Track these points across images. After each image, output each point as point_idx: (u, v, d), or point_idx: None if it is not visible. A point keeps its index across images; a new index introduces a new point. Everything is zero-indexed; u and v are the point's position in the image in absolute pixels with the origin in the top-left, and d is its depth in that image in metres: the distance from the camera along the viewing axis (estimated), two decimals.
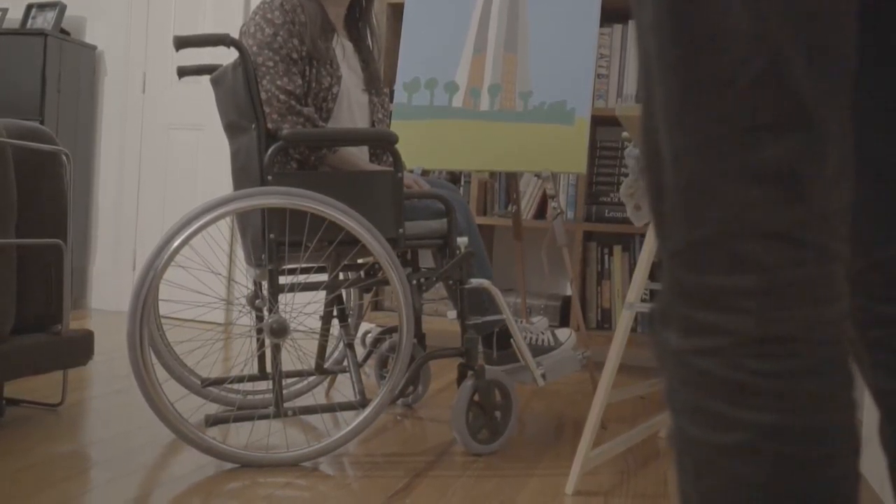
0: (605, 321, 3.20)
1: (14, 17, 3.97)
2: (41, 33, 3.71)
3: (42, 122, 3.69)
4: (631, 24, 3.14)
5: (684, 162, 0.60)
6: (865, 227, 0.73)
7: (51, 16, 3.86)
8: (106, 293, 4.05)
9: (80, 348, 2.10)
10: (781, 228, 0.58)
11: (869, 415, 1.84)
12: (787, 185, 0.57)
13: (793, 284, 0.58)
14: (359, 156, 2.06)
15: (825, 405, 0.58)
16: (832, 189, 0.59)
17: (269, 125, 1.89)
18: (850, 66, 0.59)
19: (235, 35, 3.68)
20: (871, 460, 1.80)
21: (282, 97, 1.90)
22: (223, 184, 3.79)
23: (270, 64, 1.92)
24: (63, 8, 3.87)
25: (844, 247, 0.60)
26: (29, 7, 3.92)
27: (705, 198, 0.59)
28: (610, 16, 3.10)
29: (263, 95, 1.90)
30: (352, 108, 2.08)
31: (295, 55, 1.95)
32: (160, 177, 3.96)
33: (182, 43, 1.81)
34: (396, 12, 3.38)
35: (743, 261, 0.58)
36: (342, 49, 2.10)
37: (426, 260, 2.53)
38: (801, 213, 0.58)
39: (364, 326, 3.31)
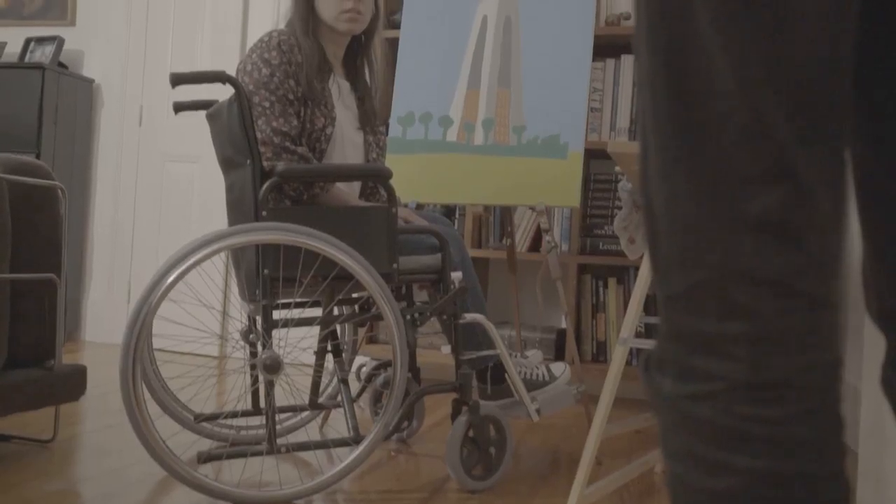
0: (601, 354, 3.19)
1: (13, 50, 4.01)
2: (39, 67, 3.73)
3: (38, 155, 3.71)
4: (625, 59, 3.17)
5: (677, 209, 0.61)
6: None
7: (49, 49, 3.89)
8: (100, 325, 4.04)
9: (73, 383, 2.09)
10: (773, 276, 0.58)
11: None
12: (778, 234, 0.58)
13: (783, 331, 0.59)
14: (351, 194, 2.07)
15: (816, 451, 0.59)
16: (824, 238, 0.59)
17: (264, 164, 1.91)
18: (840, 117, 0.60)
19: (232, 70, 3.71)
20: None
21: (276, 139, 1.92)
22: (219, 216, 3.80)
23: (266, 104, 1.93)
24: (61, 42, 3.90)
25: (836, 294, 0.61)
26: (28, 41, 3.95)
27: (699, 245, 0.60)
28: (602, 50, 3.13)
29: (259, 135, 1.92)
30: (345, 147, 2.10)
31: (291, 96, 1.96)
32: (156, 208, 3.96)
33: (178, 80, 1.83)
34: (392, 46, 3.41)
35: (735, 307, 0.59)
36: (338, 88, 2.12)
37: (421, 293, 2.53)
38: (793, 261, 0.58)
39: (359, 360, 3.30)
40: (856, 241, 0.78)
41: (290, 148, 1.93)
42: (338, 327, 2.11)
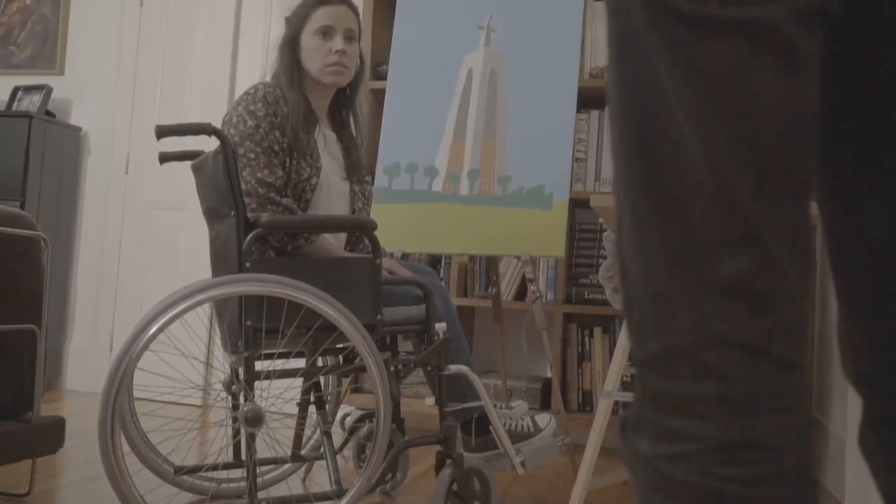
0: (587, 403, 3.18)
1: (0, 98, 4.02)
2: (26, 115, 3.74)
3: (23, 202, 3.70)
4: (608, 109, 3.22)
5: (650, 274, 0.63)
6: (876, 325, 0.74)
7: (37, 98, 3.91)
8: (82, 373, 3.99)
9: (51, 436, 2.05)
10: (743, 339, 0.60)
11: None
12: (747, 299, 0.60)
13: (754, 393, 0.60)
14: (336, 245, 2.07)
15: None
16: (792, 302, 0.61)
17: (249, 215, 1.91)
18: (804, 186, 0.62)
19: (219, 121, 3.74)
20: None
21: (261, 190, 1.93)
22: (206, 264, 3.77)
23: (252, 156, 1.95)
24: (49, 91, 3.92)
25: (804, 356, 0.62)
26: (16, 89, 3.97)
27: (671, 309, 0.62)
28: (587, 101, 3.17)
29: (244, 186, 1.93)
30: (331, 197, 2.11)
31: (276, 147, 1.98)
32: (141, 256, 3.95)
33: (163, 132, 1.84)
34: (377, 97, 3.44)
35: (708, 369, 0.60)
36: (323, 139, 2.14)
37: (405, 343, 2.51)
38: (763, 325, 0.60)
39: (343, 409, 3.27)
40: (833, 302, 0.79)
41: (274, 199, 1.93)
42: (321, 378, 2.10)
